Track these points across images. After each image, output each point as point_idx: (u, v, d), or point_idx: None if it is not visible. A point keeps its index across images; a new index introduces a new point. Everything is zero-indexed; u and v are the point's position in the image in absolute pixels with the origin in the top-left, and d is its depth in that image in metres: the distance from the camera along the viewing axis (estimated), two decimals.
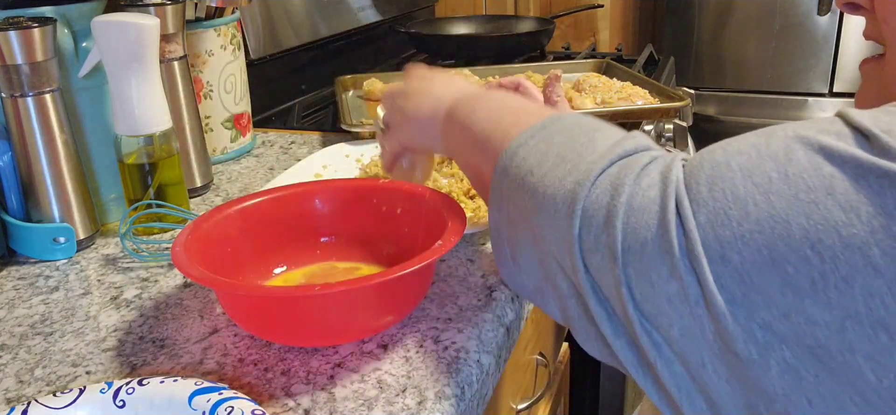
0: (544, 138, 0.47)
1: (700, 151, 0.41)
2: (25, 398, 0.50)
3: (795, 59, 2.21)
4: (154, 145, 0.74)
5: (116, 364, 0.53)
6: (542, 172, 0.45)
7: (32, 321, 0.60)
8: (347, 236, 0.64)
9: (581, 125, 0.47)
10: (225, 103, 0.95)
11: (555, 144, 0.46)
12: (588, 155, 0.43)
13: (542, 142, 0.47)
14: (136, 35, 0.70)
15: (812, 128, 0.37)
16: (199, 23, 0.90)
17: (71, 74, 0.72)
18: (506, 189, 0.48)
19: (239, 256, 0.59)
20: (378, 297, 0.51)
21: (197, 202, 0.85)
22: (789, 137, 0.37)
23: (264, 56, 1.24)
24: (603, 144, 0.44)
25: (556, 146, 0.46)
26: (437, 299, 0.60)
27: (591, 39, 2.37)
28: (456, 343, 0.54)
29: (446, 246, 0.51)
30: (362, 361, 0.52)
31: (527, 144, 0.47)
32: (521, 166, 0.47)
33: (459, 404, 0.49)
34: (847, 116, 0.37)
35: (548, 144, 0.46)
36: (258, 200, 0.62)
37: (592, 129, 0.46)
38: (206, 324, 0.58)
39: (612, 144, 0.43)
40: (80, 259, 0.71)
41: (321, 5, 1.41)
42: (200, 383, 0.46)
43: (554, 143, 0.46)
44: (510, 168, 0.48)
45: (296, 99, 1.31)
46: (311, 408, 0.48)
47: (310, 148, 1.01)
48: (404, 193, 0.62)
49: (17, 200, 0.71)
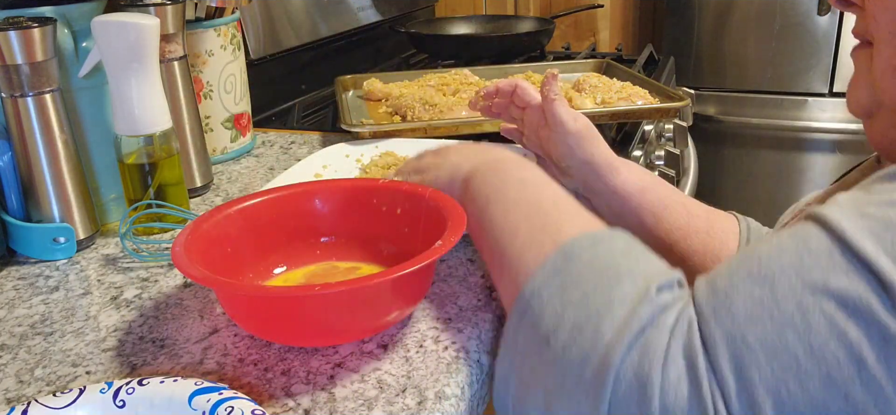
0: (560, 287, 0.44)
1: (703, 298, 0.40)
2: (25, 398, 0.50)
3: (795, 60, 2.20)
4: (154, 145, 0.74)
5: (116, 364, 0.53)
6: (560, 342, 0.42)
7: (32, 321, 0.60)
8: (347, 236, 0.64)
9: (598, 267, 0.44)
10: (225, 103, 0.95)
11: (572, 301, 0.43)
12: (606, 326, 0.41)
13: (558, 292, 0.44)
14: (136, 35, 0.70)
15: (815, 267, 0.37)
16: (199, 23, 0.90)
17: (71, 74, 0.72)
18: (521, 345, 0.45)
19: (239, 257, 0.59)
20: (378, 297, 0.51)
21: (197, 202, 0.85)
22: (796, 288, 0.37)
23: (264, 56, 1.24)
24: (620, 309, 0.41)
25: (574, 304, 0.43)
26: (437, 299, 0.60)
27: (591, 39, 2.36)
28: (456, 343, 0.54)
29: (446, 246, 0.51)
30: (362, 361, 0.52)
31: (541, 294, 0.45)
32: (538, 324, 0.44)
33: (459, 404, 0.49)
34: (844, 239, 0.37)
35: (565, 298, 0.43)
36: (258, 200, 0.62)
37: (610, 275, 0.43)
38: (206, 324, 0.58)
39: (628, 313, 0.41)
40: (80, 259, 0.71)
41: (321, 5, 1.41)
42: (200, 383, 0.46)
43: (571, 296, 0.43)
44: (524, 320, 0.45)
45: (296, 99, 1.31)
46: (311, 408, 0.47)
47: (310, 148, 1.01)
48: (404, 193, 0.62)
49: (17, 200, 0.71)
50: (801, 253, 0.38)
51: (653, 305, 0.41)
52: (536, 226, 0.50)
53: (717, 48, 2.30)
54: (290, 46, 1.30)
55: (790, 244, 0.39)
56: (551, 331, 0.43)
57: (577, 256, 0.45)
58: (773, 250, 0.39)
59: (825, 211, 0.39)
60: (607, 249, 0.45)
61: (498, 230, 0.53)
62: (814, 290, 0.36)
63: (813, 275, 0.36)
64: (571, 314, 0.42)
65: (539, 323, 0.44)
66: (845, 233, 0.37)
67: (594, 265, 0.44)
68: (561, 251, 0.46)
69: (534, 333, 0.44)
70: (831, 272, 0.36)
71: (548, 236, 0.48)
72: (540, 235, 0.49)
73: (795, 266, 0.37)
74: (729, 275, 0.40)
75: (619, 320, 0.41)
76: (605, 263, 0.44)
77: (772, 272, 0.38)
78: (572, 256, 0.45)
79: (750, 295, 0.38)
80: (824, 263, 0.37)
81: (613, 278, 0.43)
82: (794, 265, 0.37)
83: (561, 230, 0.48)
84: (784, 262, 0.38)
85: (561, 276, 0.45)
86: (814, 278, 0.36)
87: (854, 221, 0.37)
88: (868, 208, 0.38)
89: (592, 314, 0.41)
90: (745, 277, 0.39)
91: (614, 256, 0.45)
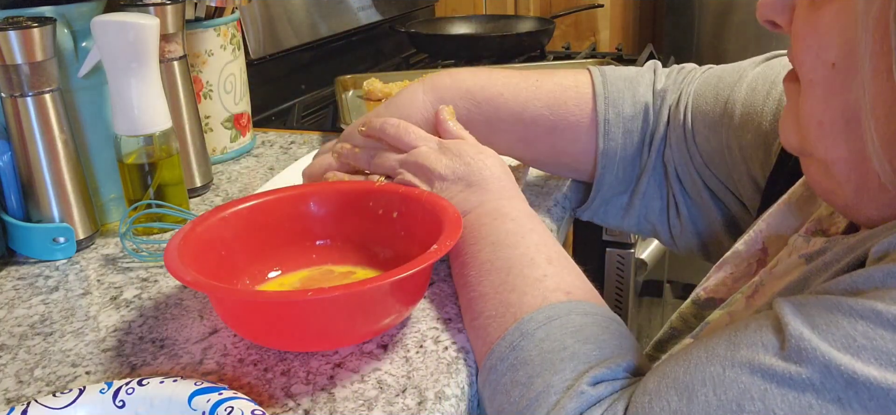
0: (512, 366, 0.48)
1: (637, 395, 0.41)
2: (25, 398, 0.50)
3: None
4: (154, 145, 0.74)
5: (116, 364, 0.53)
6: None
7: (32, 321, 0.60)
8: (343, 240, 0.64)
9: (546, 348, 0.47)
10: (225, 103, 0.95)
11: (519, 382, 0.46)
12: (540, 413, 0.44)
13: (510, 370, 0.48)
14: (136, 35, 0.70)
15: (733, 385, 0.37)
16: (199, 22, 0.90)
17: (71, 74, 0.72)
18: (485, 407, 0.51)
19: (233, 260, 0.58)
20: (374, 301, 0.50)
21: (197, 202, 0.84)
22: (711, 405, 0.38)
23: (264, 56, 1.24)
24: (554, 397, 0.44)
25: (521, 385, 0.46)
26: (437, 299, 0.60)
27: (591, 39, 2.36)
28: (456, 343, 0.54)
29: (442, 249, 0.51)
30: (362, 361, 0.52)
31: (498, 368, 0.48)
32: (493, 399, 0.49)
33: (459, 405, 0.49)
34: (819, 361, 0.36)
35: (515, 377, 0.47)
36: (252, 203, 0.61)
37: (554, 359, 0.46)
38: (206, 324, 0.58)
39: (555, 405, 0.44)
40: (80, 259, 0.71)
41: (321, 5, 1.41)
42: (200, 383, 0.46)
43: (519, 377, 0.47)
44: (486, 390, 0.50)
45: (296, 99, 1.31)
46: (311, 408, 0.47)
47: (310, 148, 1.01)
48: (400, 196, 0.62)
49: (16, 200, 0.71)
50: (724, 364, 0.38)
51: (580, 400, 0.43)
52: (502, 300, 0.52)
53: (717, 48, 2.30)
54: (290, 46, 1.30)
55: (720, 352, 0.39)
56: (502, 408, 0.47)
57: (531, 334, 0.48)
58: (703, 356, 0.40)
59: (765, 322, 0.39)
60: (560, 327, 0.48)
61: (471, 294, 0.55)
62: (726, 410, 0.37)
63: (729, 393, 0.37)
64: (516, 395, 0.46)
65: (494, 398, 0.48)
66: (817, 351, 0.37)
67: (543, 346, 0.47)
68: (518, 328, 0.49)
69: (490, 405, 0.49)
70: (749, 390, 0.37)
71: (509, 311, 0.51)
72: (502, 309, 0.51)
73: (715, 380, 0.38)
74: (660, 376, 0.41)
75: (550, 407, 0.44)
76: (553, 346, 0.47)
77: (693, 384, 0.39)
78: (527, 334, 0.48)
79: (668, 404, 0.39)
80: (745, 379, 0.37)
81: (556, 363, 0.46)
82: (714, 379, 0.38)
83: (523, 304, 0.50)
84: (707, 373, 0.39)
85: (515, 352, 0.48)
86: (729, 397, 0.37)
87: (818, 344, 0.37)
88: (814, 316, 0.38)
89: (532, 400, 0.45)
90: (671, 383, 0.40)
91: (564, 338, 0.47)
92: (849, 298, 0.37)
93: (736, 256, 0.57)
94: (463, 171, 0.62)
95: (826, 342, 0.35)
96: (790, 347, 0.36)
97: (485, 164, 0.62)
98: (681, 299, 0.63)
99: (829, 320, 0.36)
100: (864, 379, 0.34)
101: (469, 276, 0.56)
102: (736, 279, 0.57)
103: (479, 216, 0.59)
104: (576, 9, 2.13)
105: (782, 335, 0.37)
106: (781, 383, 0.36)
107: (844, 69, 0.41)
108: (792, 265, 0.49)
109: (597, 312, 0.50)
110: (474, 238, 0.57)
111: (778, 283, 0.49)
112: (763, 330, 0.38)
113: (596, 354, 0.46)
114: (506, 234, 0.56)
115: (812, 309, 0.37)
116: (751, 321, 0.40)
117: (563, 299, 0.50)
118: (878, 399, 0.34)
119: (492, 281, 0.54)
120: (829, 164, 0.44)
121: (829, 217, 0.52)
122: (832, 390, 0.34)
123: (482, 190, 0.61)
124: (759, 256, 0.56)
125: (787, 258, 0.50)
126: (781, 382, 0.36)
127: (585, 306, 0.50)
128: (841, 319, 0.36)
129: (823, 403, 0.35)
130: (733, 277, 0.57)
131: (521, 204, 0.60)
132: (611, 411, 0.42)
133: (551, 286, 0.51)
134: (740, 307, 0.52)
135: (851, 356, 0.34)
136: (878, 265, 0.38)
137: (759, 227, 0.57)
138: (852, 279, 0.38)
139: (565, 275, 0.53)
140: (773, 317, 0.39)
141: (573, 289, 0.51)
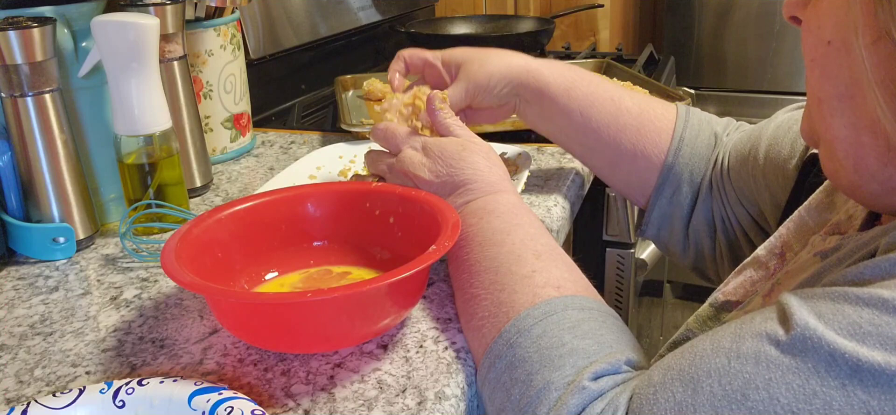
0: (509, 364, 0.48)
1: (640, 387, 0.42)
2: (25, 398, 0.50)
3: (795, 59, 2.20)
4: (154, 145, 0.74)
5: (116, 364, 0.53)
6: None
7: (32, 321, 0.60)
8: (341, 241, 0.63)
9: (544, 345, 0.47)
10: (225, 103, 0.95)
11: (519, 379, 0.47)
12: (542, 410, 0.44)
13: (508, 368, 0.48)
14: (136, 35, 0.70)
15: (738, 375, 0.38)
16: (199, 23, 0.90)
17: (71, 74, 0.72)
18: (486, 406, 0.51)
19: (230, 262, 0.58)
20: (371, 303, 0.50)
21: (196, 202, 0.84)
22: (716, 396, 0.38)
23: (264, 56, 1.24)
24: (556, 393, 0.44)
25: (520, 382, 0.46)
26: (437, 299, 0.60)
27: (591, 39, 2.36)
28: (456, 343, 0.54)
29: (440, 250, 0.51)
30: (362, 361, 0.52)
31: (496, 366, 0.49)
32: (493, 397, 0.49)
33: (459, 405, 0.49)
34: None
35: (513, 375, 0.47)
36: (249, 204, 0.61)
37: (553, 355, 0.46)
38: (206, 324, 0.58)
39: (559, 401, 0.44)
40: (80, 259, 0.71)
41: (321, 5, 1.41)
42: (200, 383, 0.46)
43: (518, 375, 0.47)
44: (485, 387, 0.50)
45: (296, 99, 1.31)
46: (311, 408, 0.47)
47: (310, 148, 1.01)
48: (398, 197, 0.62)
49: (16, 200, 0.71)
50: (729, 356, 0.39)
51: (582, 395, 0.43)
52: (494, 300, 0.52)
53: (717, 48, 2.30)
54: (290, 46, 1.30)
55: (725, 344, 0.39)
56: (503, 406, 0.47)
57: (528, 331, 0.48)
58: (708, 348, 0.40)
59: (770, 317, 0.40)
60: (556, 323, 0.48)
61: (465, 296, 0.55)
62: (731, 401, 0.37)
63: (734, 383, 0.38)
64: (517, 393, 0.46)
65: (494, 396, 0.49)
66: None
67: (541, 343, 0.47)
68: (513, 325, 0.49)
69: (490, 404, 0.49)
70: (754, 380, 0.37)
71: (502, 310, 0.51)
72: (495, 309, 0.51)
73: (720, 371, 0.38)
74: (665, 369, 0.41)
75: (552, 403, 0.44)
76: (551, 343, 0.47)
77: (697, 375, 0.39)
78: (523, 331, 0.48)
79: (672, 396, 0.39)
80: (750, 369, 0.37)
81: (555, 360, 0.46)
82: (718, 370, 0.38)
83: (515, 302, 0.50)
84: (712, 365, 0.39)
85: (513, 350, 0.48)
86: (733, 387, 0.37)
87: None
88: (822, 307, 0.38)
89: (533, 397, 0.45)
90: (676, 375, 0.40)
91: (561, 334, 0.47)
92: (855, 287, 0.37)
93: (755, 260, 0.58)
94: (446, 173, 0.62)
95: (832, 330, 0.36)
96: (794, 335, 0.37)
97: (468, 162, 0.62)
98: (681, 299, 0.63)
99: (834, 309, 0.37)
100: (868, 364, 0.34)
101: (462, 278, 0.56)
102: (754, 283, 0.57)
103: (464, 217, 0.59)
104: (576, 9, 2.13)
105: (787, 325, 0.37)
106: (786, 372, 0.36)
107: (838, 45, 0.42)
108: (808, 263, 0.49)
109: (592, 307, 0.50)
110: (462, 240, 0.57)
111: (793, 280, 0.49)
112: (768, 321, 0.39)
113: (595, 349, 0.46)
114: (492, 232, 0.56)
115: (818, 299, 0.38)
116: (756, 315, 0.40)
117: (555, 295, 0.50)
118: (882, 384, 0.34)
119: (482, 281, 0.54)
120: (830, 143, 0.45)
121: (847, 220, 0.52)
122: (837, 378, 0.35)
123: (466, 190, 0.61)
124: (777, 261, 0.57)
125: (805, 256, 0.51)
126: (786, 370, 0.36)
127: (580, 301, 0.50)
128: (846, 307, 0.36)
129: (827, 390, 0.35)
130: (751, 281, 0.58)
131: (506, 198, 0.60)
132: (614, 404, 0.42)
133: (540, 282, 0.51)
134: (757, 307, 0.52)
135: (857, 343, 0.35)
136: (885, 255, 0.38)
137: (779, 232, 0.58)
138: (859, 270, 0.39)
139: (553, 269, 0.53)
140: (778, 309, 0.39)
141: (563, 283, 0.52)
